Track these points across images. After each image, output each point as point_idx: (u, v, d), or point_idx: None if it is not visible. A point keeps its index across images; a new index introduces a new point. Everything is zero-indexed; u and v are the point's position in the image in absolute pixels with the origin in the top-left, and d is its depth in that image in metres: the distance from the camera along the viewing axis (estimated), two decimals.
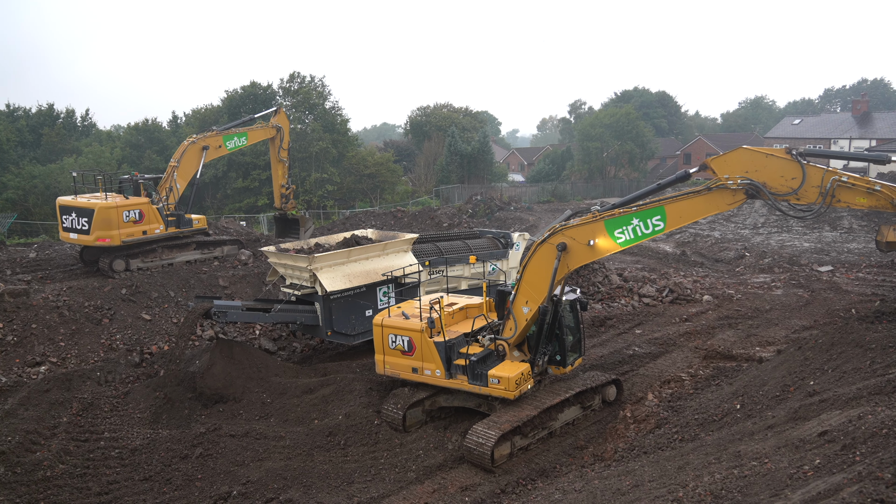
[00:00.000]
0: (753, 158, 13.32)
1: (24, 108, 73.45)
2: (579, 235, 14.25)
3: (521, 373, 14.78)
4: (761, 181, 13.19)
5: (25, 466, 13.74)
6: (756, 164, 13.28)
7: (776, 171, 13.16)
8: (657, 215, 13.72)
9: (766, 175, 13.22)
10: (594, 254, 14.30)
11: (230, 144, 29.81)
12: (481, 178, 69.20)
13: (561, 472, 13.81)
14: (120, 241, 24.94)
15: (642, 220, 13.82)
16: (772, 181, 13.20)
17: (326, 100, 64.99)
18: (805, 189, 13.10)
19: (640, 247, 39.39)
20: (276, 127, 31.58)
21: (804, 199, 13.22)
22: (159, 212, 26.21)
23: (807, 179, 13.00)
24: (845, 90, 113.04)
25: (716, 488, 9.03)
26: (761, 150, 13.42)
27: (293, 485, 13.39)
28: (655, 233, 13.84)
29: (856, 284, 28.91)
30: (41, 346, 19.98)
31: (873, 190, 12.93)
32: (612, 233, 13.97)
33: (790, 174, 13.11)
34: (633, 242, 14.02)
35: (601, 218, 14.06)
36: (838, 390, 11.76)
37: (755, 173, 13.25)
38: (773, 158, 13.18)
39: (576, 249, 14.32)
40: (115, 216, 24.69)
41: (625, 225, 13.91)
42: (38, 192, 50.81)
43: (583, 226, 14.22)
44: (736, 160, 13.44)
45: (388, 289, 20.77)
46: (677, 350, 20.51)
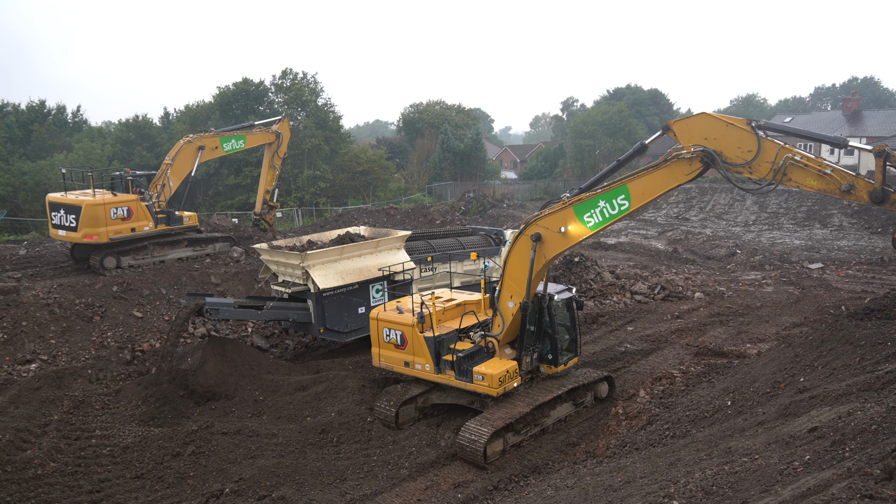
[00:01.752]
0: (714, 125, 13.06)
1: (13, 104, 72.99)
2: (551, 224, 14.29)
3: (507, 370, 14.80)
4: (718, 150, 12.93)
5: (16, 465, 13.66)
6: (716, 132, 13.02)
7: (734, 141, 12.90)
8: (622, 195, 13.63)
9: (724, 144, 12.95)
10: (567, 241, 14.24)
11: (227, 146, 29.70)
12: (474, 175, 69.22)
13: (553, 468, 13.85)
14: (107, 239, 24.76)
15: (608, 202, 13.73)
16: (728, 151, 12.96)
17: (319, 96, 64.88)
18: (759, 162, 12.84)
19: (632, 244, 39.52)
20: (276, 133, 31.48)
21: (757, 172, 12.95)
22: (149, 209, 26.04)
23: (761, 153, 12.74)
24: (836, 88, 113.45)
25: (707, 484, 9.07)
26: (722, 118, 13.13)
27: (286, 482, 13.37)
28: (622, 212, 13.72)
29: (846, 281, 29.10)
30: (32, 344, 19.87)
31: (824, 173, 12.64)
32: (582, 217, 13.94)
33: (747, 146, 12.84)
34: (602, 225, 13.92)
35: (570, 204, 14.06)
36: (828, 387, 11.83)
37: (713, 141, 13.00)
38: (733, 128, 12.90)
39: (550, 238, 14.37)
40: (103, 213, 24.50)
41: (593, 208, 13.85)
42: (28, 188, 50.51)
43: (554, 214, 14.27)
44: (697, 125, 13.23)
45: (380, 286, 20.76)
46: (669, 347, 20.60)
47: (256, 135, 31.25)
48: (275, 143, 31.54)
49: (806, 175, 12.79)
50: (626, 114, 77.03)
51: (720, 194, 53.49)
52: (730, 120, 13.09)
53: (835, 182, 12.62)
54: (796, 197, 49.08)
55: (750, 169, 12.95)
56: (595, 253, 35.73)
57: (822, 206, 46.18)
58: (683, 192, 55.94)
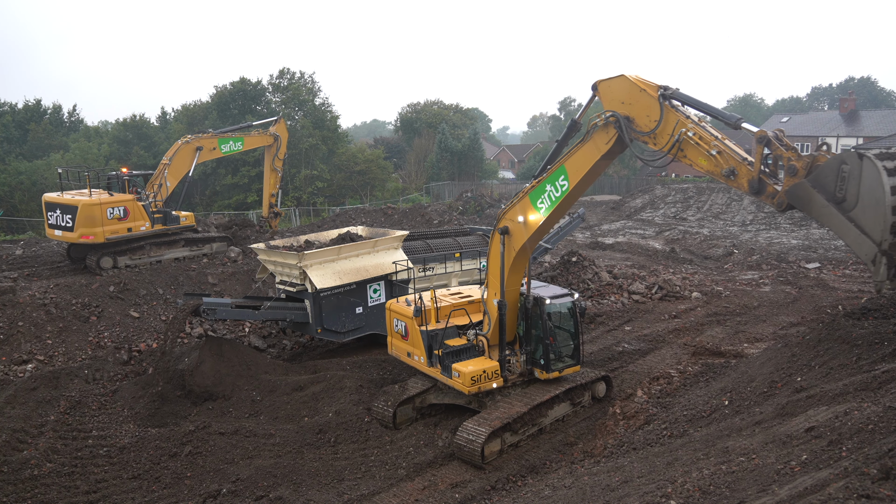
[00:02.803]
0: (630, 89, 12.52)
1: (9, 104, 72.81)
2: (513, 215, 14.45)
3: (484, 370, 14.78)
4: (631, 116, 12.47)
5: (12, 465, 13.64)
6: (630, 97, 12.49)
7: (644, 109, 12.36)
8: (561, 175, 13.54)
9: (636, 110, 12.44)
10: (528, 229, 14.20)
11: (225, 148, 29.83)
12: (471, 174, 69.23)
13: (551, 468, 13.85)
14: (104, 239, 24.69)
15: (552, 184, 13.70)
16: (639, 118, 12.43)
17: (316, 96, 64.87)
18: (660, 133, 12.28)
19: (629, 244, 39.54)
20: (274, 135, 31.43)
21: (658, 143, 12.40)
22: (145, 209, 25.98)
23: (663, 123, 12.17)
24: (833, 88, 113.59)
25: (704, 484, 9.08)
26: (638, 82, 12.49)
27: (283, 482, 13.36)
28: (564, 193, 13.53)
29: (843, 281, 29.14)
30: (28, 344, 19.83)
31: (711, 154, 11.95)
32: (535, 204, 13.98)
33: (654, 114, 12.25)
34: (551, 208, 13.82)
35: (526, 193, 14.17)
36: (825, 386, 11.85)
37: (628, 106, 12.50)
38: (644, 94, 12.29)
39: (514, 230, 14.49)
40: (99, 213, 24.42)
41: (542, 193, 13.87)
42: (25, 188, 50.43)
43: (514, 205, 14.43)
44: (617, 87, 12.71)
45: (378, 286, 20.75)
46: (666, 347, 20.61)
47: (254, 137, 31.33)
48: (273, 145, 31.57)
49: (698, 154, 12.13)
50: None
51: (717, 194, 53.55)
52: (643, 85, 12.45)
53: (719, 165, 11.91)
54: None
55: (654, 139, 12.42)
56: (593, 253, 35.75)
57: None
58: (681, 192, 56.02)
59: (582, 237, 42.53)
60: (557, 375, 15.64)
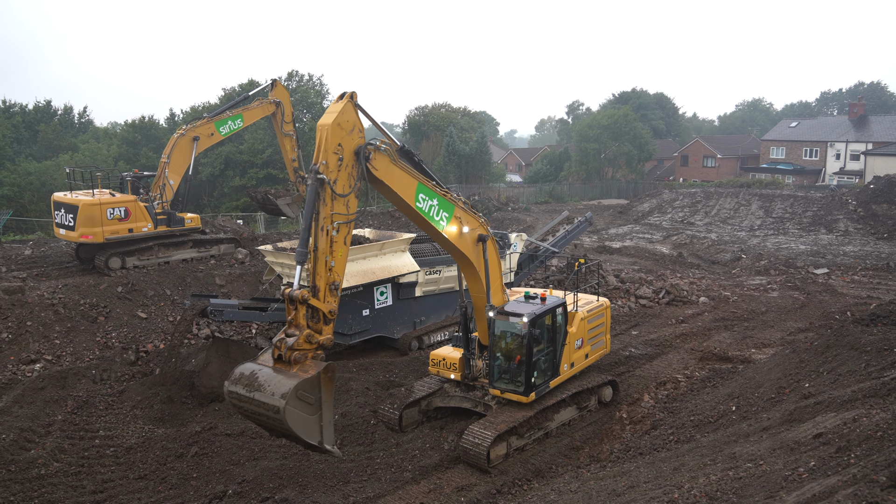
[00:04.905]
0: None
1: (20, 104, 73.27)
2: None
3: (444, 357, 15.71)
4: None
5: (20, 464, 13.70)
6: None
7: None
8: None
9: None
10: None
11: (224, 129, 28.45)
12: (479, 178, 69.21)
13: (557, 472, 13.81)
14: (103, 239, 24.77)
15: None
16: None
17: (325, 98, 64.97)
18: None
19: (637, 248, 39.52)
20: (275, 102, 29.54)
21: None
22: (148, 210, 25.93)
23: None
24: (842, 93, 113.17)
25: (711, 490, 9.05)
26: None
27: (289, 484, 13.36)
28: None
29: (851, 287, 29.00)
30: (36, 344, 19.93)
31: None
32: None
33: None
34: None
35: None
36: (833, 393, 11.79)
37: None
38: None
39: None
40: (99, 213, 24.53)
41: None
42: (34, 188, 50.66)
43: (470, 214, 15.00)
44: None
45: (384, 288, 20.77)
46: (673, 351, 20.54)
47: (254, 109, 29.48)
48: (277, 112, 29.73)
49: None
50: (631, 117, 76.92)
51: (725, 199, 53.41)
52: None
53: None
54: (802, 202, 48.98)
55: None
56: (600, 257, 35.71)
57: (828, 212, 46.07)
58: (689, 197, 55.90)
59: (589, 241, 42.48)
60: (498, 394, 15.00)
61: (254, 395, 10.99)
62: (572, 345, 15.88)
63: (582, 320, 16.22)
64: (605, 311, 17.38)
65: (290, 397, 10.67)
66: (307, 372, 11.07)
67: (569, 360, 15.82)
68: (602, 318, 17.23)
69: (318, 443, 11.31)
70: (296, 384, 10.78)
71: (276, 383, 10.97)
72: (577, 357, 16.13)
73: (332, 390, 11.39)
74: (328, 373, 11.26)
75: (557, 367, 15.49)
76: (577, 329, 15.98)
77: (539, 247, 26.36)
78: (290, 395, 10.67)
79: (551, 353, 15.30)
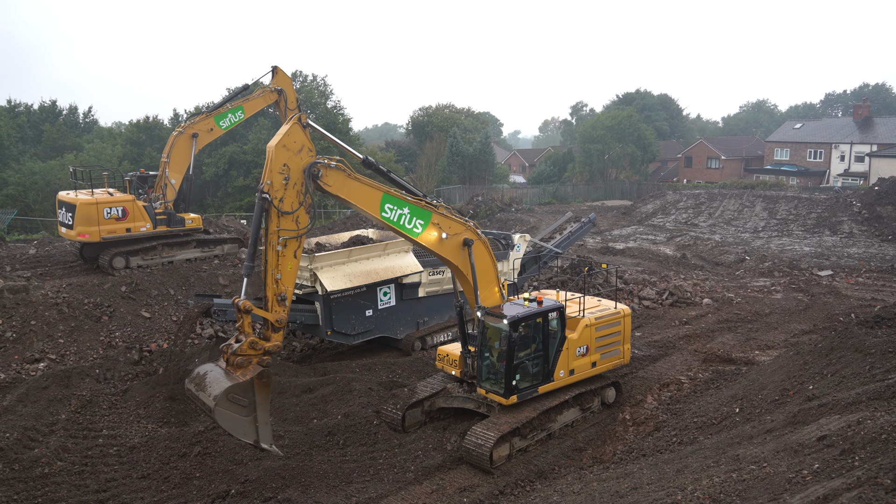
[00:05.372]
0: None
1: (25, 104, 73.48)
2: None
3: (448, 353, 15.95)
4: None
5: (23, 463, 13.73)
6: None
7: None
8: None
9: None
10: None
11: (224, 123, 27.55)
12: (483, 179, 69.20)
13: (559, 473, 13.80)
14: (100, 238, 24.93)
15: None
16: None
17: (328, 99, 65.00)
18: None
19: (640, 249, 39.47)
20: (278, 90, 28.02)
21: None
22: (147, 210, 25.90)
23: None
24: (847, 95, 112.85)
25: (714, 492, 9.03)
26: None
27: (291, 484, 13.37)
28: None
29: (856, 289, 28.92)
30: (40, 343, 19.98)
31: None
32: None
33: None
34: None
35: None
36: (837, 395, 11.76)
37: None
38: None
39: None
40: (95, 212, 24.68)
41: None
42: (39, 188, 50.81)
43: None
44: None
45: (388, 289, 20.78)
46: (677, 353, 20.51)
47: (255, 100, 28.19)
48: (280, 100, 28.22)
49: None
50: (635, 119, 76.81)
51: (729, 200, 53.31)
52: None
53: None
54: (806, 204, 48.87)
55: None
56: (603, 258, 35.67)
57: (833, 213, 45.96)
58: (692, 198, 55.81)
59: (592, 242, 42.44)
60: (484, 394, 15.14)
61: (199, 394, 12.22)
62: (572, 351, 15.52)
63: (587, 327, 15.81)
64: (623, 319, 16.79)
65: (221, 399, 11.86)
66: (245, 376, 12.15)
67: (567, 366, 15.48)
68: (617, 327, 16.60)
69: (253, 442, 12.36)
70: (227, 388, 11.94)
71: (215, 385, 12.11)
72: (579, 364, 15.73)
73: (266, 394, 12.45)
74: (262, 378, 12.31)
75: (550, 373, 15.22)
76: (579, 335, 15.62)
77: (543, 248, 26.34)
78: (220, 398, 11.85)
79: (542, 357, 15.07)
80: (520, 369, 14.67)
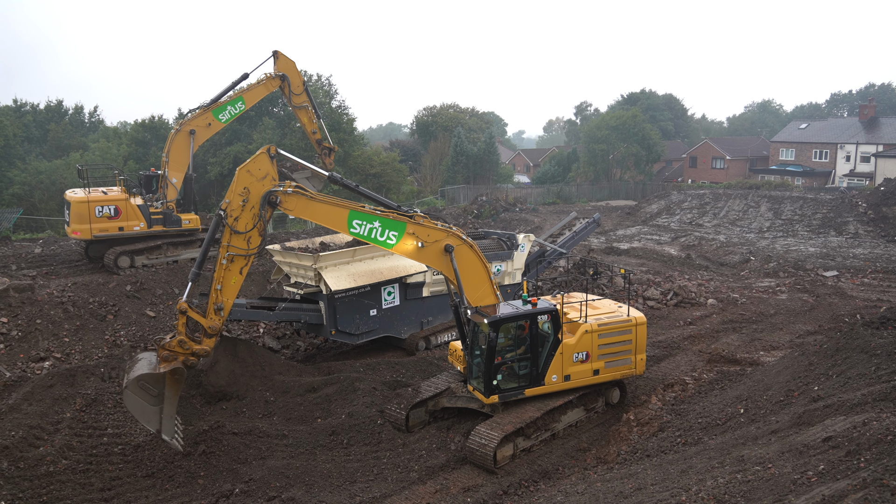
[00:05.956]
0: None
1: (31, 104, 73.68)
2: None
3: (456, 349, 16.14)
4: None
5: (28, 461, 13.76)
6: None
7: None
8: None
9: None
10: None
11: (223, 116, 26.35)
12: (487, 178, 69.17)
13: (563, 474, 13.78)
14: (91, 236, 25.15)
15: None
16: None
17: (333, 99, 64.98)
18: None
19: (645, 249, 39.41)
20: (281, 76, 26.30)
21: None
22: (141, 209, 25.89)
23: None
24: (852, 95, 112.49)
25: (719, 492, 9.00)
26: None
27: (295, 483, 13.39)
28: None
29: (861, 290, 28.82)
30: (45, 342, 20.03)
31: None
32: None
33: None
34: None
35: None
36: (843, 396, 11.72)
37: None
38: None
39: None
40: (87, 211, 24.91)
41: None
42: (44, 187, 50.91)
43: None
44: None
45: (392, 288, 20.78)
46: (681, 353, 20.46)
47: (256, 88, 26.51)
48: (284, 85, 26.65)
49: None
50: (640, 119, 76.71)
51: (734, 200, 53.19)
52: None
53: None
54: (811, 204, 48.73)
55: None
56: (608, 258, 35.62)
57: (838, 214, 45.82)
58: (697, 198, 55.71)
59: (597, 242, 42.38)
60: (471, 390, 15.35)
61: (124, 374, 13.63)
62: (568, 356, 15.14)
63: (588, 333, 15.37)
64: (634, 327, 15.93)
65: (132, 384, 12.99)
66: (162, 369, 13.21)
67: (561, 371, 15.14)
68: (627, 335, 15.85)
69: (156, 431, 13.32)
70: (139, 374, 13.04)
71: (135, 370, 13.34)
72: (576, 370, 15.34)
73: (176, 391, 13.36)
74: (174, 375, 13.29)
75: (540, 377, 15.02)
76: (577, 341, 15.24)
77: (547, 247, 26.32)
78: (131, 382, 13.00)
79: (530, 360, 14.94)
80: (503, 370, 14.72)
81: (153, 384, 13.12)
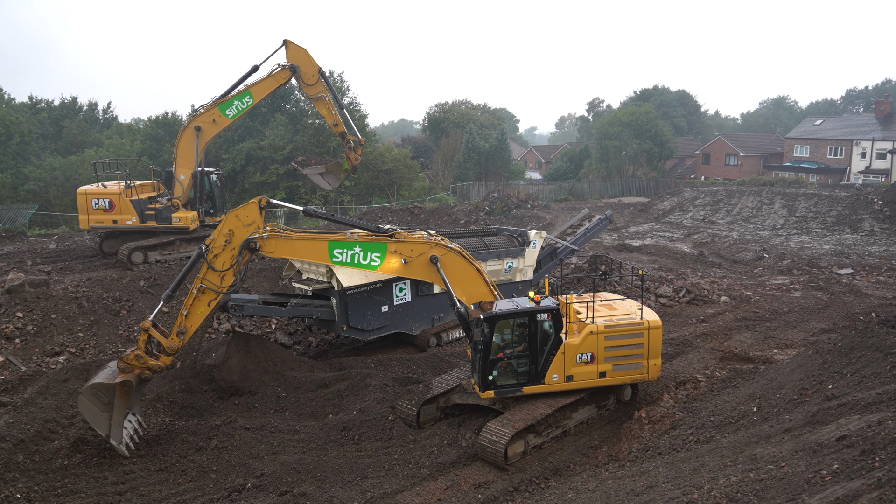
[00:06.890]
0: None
1: (46, 101, 74.29)
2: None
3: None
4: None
5: (43, 455, 13.91)
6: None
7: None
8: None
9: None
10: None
11: (230, 112, 25.24)
12: (498, 175, 69.13)
13: (574, 471, 13.76)
14: (88, 227, 26.54)
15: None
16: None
17: (345, 95, 65.15)
18: None
19: (657, 246, 39.22)
20: (291, 67, 24.61)
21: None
22: (134, 204, 26.25)
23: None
24: (868, 91, 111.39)
25: (731, 491, 8.96)
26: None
27: (307, 478, 13.45)
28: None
29: (876, 288, 28.57)
30: (60, 337, 20.22)
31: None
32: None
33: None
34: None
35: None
36: (857, 395, 11.63)
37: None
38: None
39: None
40: (85, 203, 26.06)
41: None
42: (59, 183, 51.39)
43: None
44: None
45: (403, 285, 20.80)
46: (694, 351, 20.37)
47: (265, 81, 24.96)
48: (295, 76, 24.91)
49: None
50: (652, 115, 76.31)
51: (748, 197, 52.83)
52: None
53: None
54: (826, 201, 48.33)
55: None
56: (620, 255, 35.48)
57: (853, 211, 45.41)
58: (710, 195, 55.39)
59: (609, 239, 42.24)
60: (473, 384, 15.43)
61: (91, 378, 14.61)
62: (570, 357, 14.95)
63: (593, 334, 15.05)
64: (647, 331, 15.36)
65: (86, 390, 13.92)
66: (113, 380, 14.10)
67: (563, 371, 14.95)
68: (638, 339, 15.33)
69: (105, 436, 13.99)
70: (93, 383, 14.02)
71: (95, 377, 14.36)
72: (580, 372, 15.10)
73: (125, 402, 14.14)
74: (124, 387, 14.12)
75: (540, 376, 14.94)
76: (581, 342, 14.99)
77: (558, 244, 26.26)
78: (85, 390, 13.94)
79: (528, 358, 14.87)
80: (500, 366, 14.78)
81: (104, 393, 13.98)
